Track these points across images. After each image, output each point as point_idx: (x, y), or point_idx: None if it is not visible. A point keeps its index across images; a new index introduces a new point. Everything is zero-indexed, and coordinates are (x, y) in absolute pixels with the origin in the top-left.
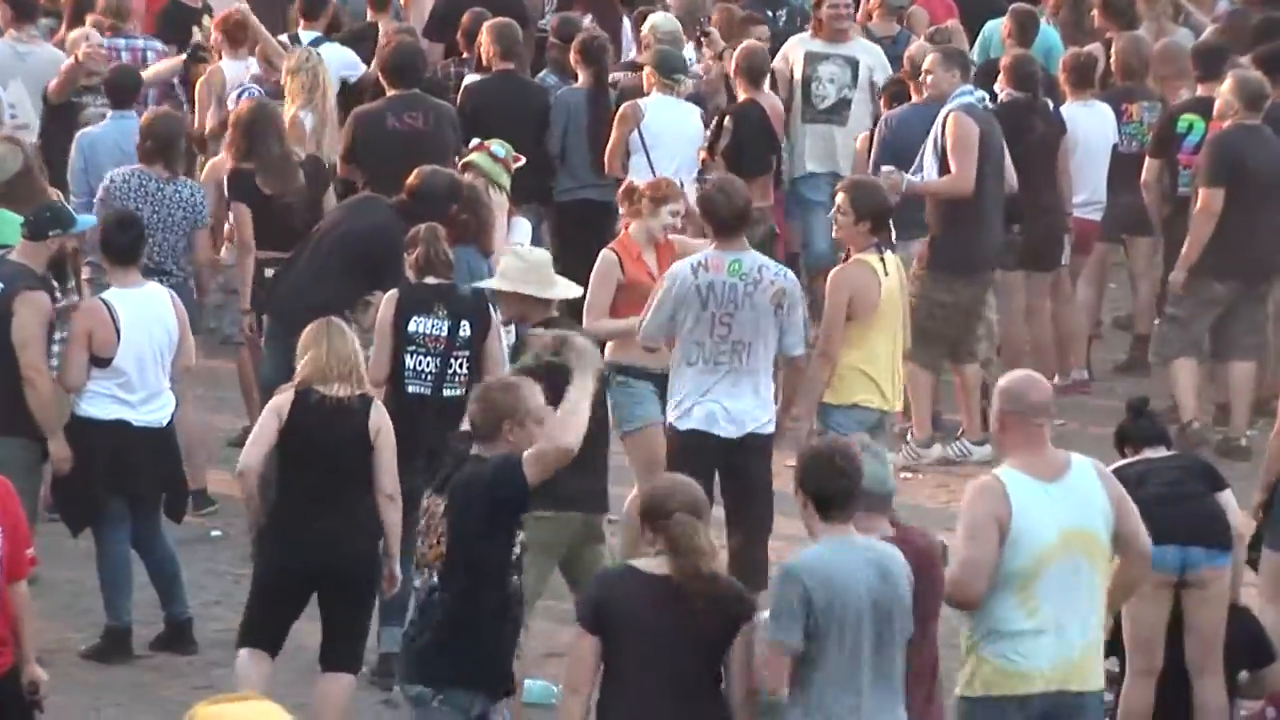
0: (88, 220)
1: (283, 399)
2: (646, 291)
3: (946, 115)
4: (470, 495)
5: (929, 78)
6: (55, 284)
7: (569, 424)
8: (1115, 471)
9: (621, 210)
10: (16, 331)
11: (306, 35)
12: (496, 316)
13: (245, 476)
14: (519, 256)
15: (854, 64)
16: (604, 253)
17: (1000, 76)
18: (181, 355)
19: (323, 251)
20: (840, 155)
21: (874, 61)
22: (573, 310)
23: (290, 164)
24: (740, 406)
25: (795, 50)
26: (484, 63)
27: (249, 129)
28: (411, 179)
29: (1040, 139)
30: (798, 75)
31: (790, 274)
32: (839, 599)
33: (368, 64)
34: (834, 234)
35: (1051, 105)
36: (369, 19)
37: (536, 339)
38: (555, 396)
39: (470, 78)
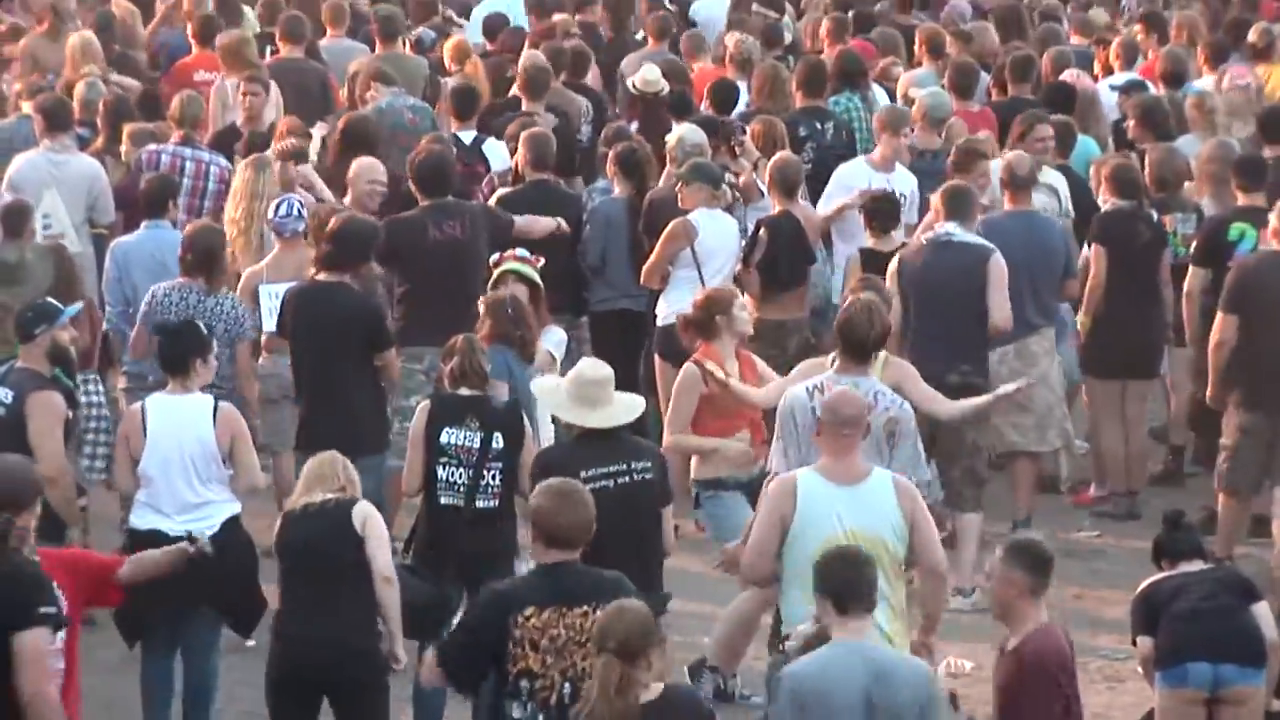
0: (73, 309)
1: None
2: (731, 401)
3: None
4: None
5: None
6: (71, 382)
7: None
8: (1151, 585)
9: (698, 344)
10: (33, 435)
11: (465, 135)
12: (530, 429)
13: None
14: (579, 373)
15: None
16: (687, 365)
17: (1102, 186)
18: (240, 473)
19: (316, 366)
20: None
21: None
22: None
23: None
24: None
25: None
26: (518, 172)
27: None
28: (332, 225)
29: (1145, 246)
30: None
31: (906, 404)
32: (826, 705)
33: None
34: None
35: (1155, 214)
36: (524, 108)
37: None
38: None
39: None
